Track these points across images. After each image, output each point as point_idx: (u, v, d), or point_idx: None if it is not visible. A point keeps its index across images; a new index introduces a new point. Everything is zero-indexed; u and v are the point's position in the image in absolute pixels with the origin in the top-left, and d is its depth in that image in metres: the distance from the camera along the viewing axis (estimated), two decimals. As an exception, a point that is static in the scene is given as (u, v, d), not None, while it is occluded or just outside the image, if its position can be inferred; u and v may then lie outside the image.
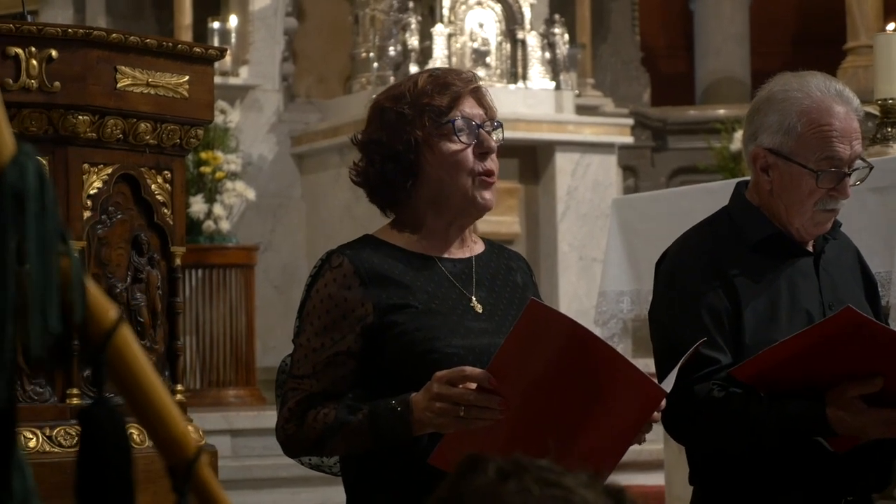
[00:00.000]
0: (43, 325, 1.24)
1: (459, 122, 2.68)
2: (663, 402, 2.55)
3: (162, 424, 1.39)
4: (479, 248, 2.82)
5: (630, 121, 9.10)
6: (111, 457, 1.34)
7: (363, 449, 2.61)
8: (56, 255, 1.26)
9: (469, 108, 2.71)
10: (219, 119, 7.93)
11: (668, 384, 2.59)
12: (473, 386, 2.44)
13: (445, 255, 2.75)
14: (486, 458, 1.26)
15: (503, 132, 2.77)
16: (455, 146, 2.69)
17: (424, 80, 2.72)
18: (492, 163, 2.72)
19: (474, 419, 2.44)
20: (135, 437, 3.45)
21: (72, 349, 3.35)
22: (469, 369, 2.45)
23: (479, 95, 2.75)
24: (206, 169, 8.04)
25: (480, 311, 2.71)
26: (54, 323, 1.25)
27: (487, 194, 2.72)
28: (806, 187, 2.89)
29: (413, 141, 2.68)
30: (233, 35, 8.69)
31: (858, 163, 2.92)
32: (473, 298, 2.73)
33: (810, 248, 2.99)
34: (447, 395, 2.45)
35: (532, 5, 8.55)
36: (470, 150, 2.69)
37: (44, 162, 3.29)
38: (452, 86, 2.71)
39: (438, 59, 8.19)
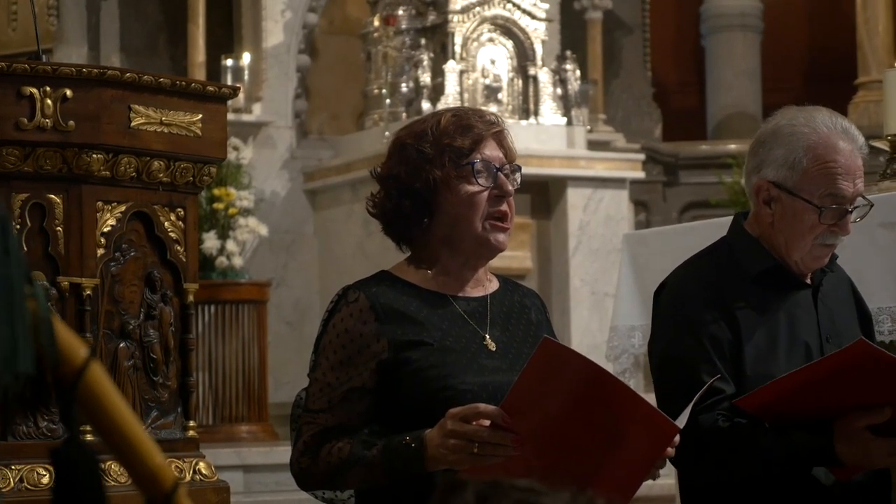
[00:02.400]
0: (9, 365, 1.25)
1: (479, 165, 2.70)
2: (677, 438, 2.56)
3: (138, 459, 1.40)
4: (493, 285, 2.84)
5: (641, 156, 9.11)
6: (85, 495, 1.34)
7: (377, 484, 2.61)
8: (22, 297, 1.26)
9: (489, 150, 2.73)
10: (232, 155, 7.96)
11: (681, 420, 2.59)
12: (487, 423, 2.45)
13: (460, 294, 2.77)
14: (465, 481, 1.27)
15: (521, 175, 2.79)
16: (473, 188, 2.70)
17: (447, 120, 2.74)
18: (507, 206, 2.74)
19: (488, 456, 2.45)
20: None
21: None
22: (483, 406, 2.46)
23: (500, 138, 2.76)
24: (218, 205, 8.07)
25: (494, 349, 2.73)
26: (27, 364, 1.26)
27: (501, 236, 2.74)
28: (808, 222, 2.91)
29: (432, 180, 2.70)
30: (246, 72, 8.73)
31: (859, 200, 2.94)
32: (487, 336, 2.74)
33: (808, 281, 3.01)
34: (461, 431, 2.46)
35: (544, 42, 8.58)
36: (486, 193, 2.71)
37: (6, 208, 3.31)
38: (475, 128, 2.72)
39: (450, 96, 8.22)
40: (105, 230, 3.53)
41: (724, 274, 2.97)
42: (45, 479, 3.38)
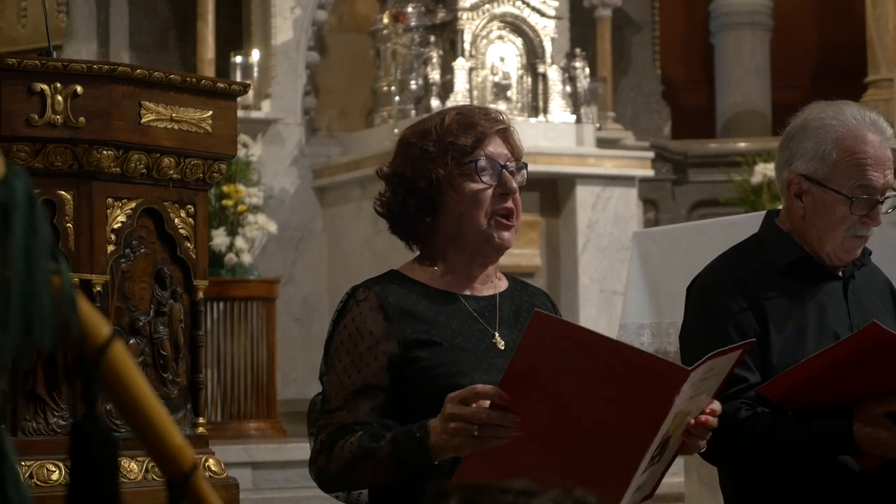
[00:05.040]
0: (23, 336, 1.25)
1: (482, 163, 2.70)
2: (717, 405, 2.53)
3: (158, 438, 1.40)
4: (503, 284, 2.84)
5: (651, 154, 9.10)
6: (100, 472, 1.35)
7: (388, 478, 2.57)
8: (45, 270, 1.27)
9: (494, 147, 2.72)
10: (241, 152, 7.96)
11: (697, 371, 2.47)
12: (486, 404, 2.40)
13: (469, 292, 2.77)
14: (451, 488, 1.25)
15: (527, 172, 2.79)
16: (476, 186, 2.70)
17: (451, 118, 2.74)
18: (512, 203, 2.74)
19: (490, 438, 2.40)
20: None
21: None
22: (480, 386, 2.41)
23: (506, 135, 2.76)
24: (228, 202, 8.08)
25: (503, 347, 2.72)
26: (48, 338, 1.26)
27: (506, 234, 2.73)
28: (839, 213, 2.93)
29: (435, 178, 2.70)
30: (255, 69, 8.73)
31: (890, 192, 2.96)
32: (496, 335, 2.74)
33: (839, 273, 3.02)
34: (460, 414, 2.41)
35: (553, 39, 8.58)
36: (490, 190, 2.71)
37: (33, 183, 3.31)
38: (478, 125, 2.72)
39: (460, 93, 8.22)
40: (115, 227, 3.53)
41: (753, 266, 2.99)
42: (55, 476, 3.38)
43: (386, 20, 8.65)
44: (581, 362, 2.39)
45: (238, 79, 8.37)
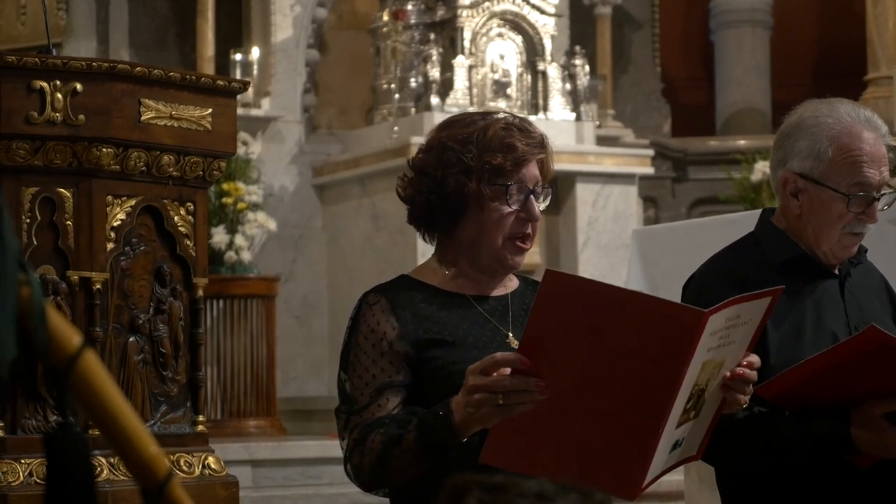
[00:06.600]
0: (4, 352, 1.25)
1: (513, 188, 2.71)
2: (755, 359, 2.52)
3: (132, 448, 1.39)
4: (513, 284, 2.85)
5: (650, 151, 9.10)
6: (74, 480, 1.35)
7: (418, 465, 2.55)
8: (14, 281, 1.26)
9: (527, 170, 2.73)
10: (240, 150, 7.96)
11: (719, 316, 2.42)
12: (507, 371, 2.38)
13: (479, 294, 2.78)
14: (470, 485, 1.24)
15: (551, 195, 2.79)
16: (503, 209, 2.71)
17: (494, 133, 2.72)
18: (531, 228, 2.75)
19: (515, 405, 2.38)
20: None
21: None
22: (500, 354, 2.40)
23: (542, 158, 2.77)
24: (227, 200, 8.07)
25: (517, 346, 2.72)
26: (11, 347, 1.26)
27: (518, 258, 2.76)
28: (836, 211, 2.92)
29: (465, 191, 2.70)
30: (255, 67, 8.73)
31: (885, 188, 2.96)
32: (510, 335, 2.74)
33: (836, 272, 3.01)
34: (482, 385, 2.39)
35: (553, 37, 8.58)
36: (514, 214, 2.72)
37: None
38: (518, 149, 2.71)
39: (459, 91, 8.22)
40: (115, 224, 3.53)
41: (748, 264, 2.99)
42: (55, 473, 3.38)
43: (386, 18, 8.65)
44: (597, 315, 2.36)
45: (238, 76, 8.36)
